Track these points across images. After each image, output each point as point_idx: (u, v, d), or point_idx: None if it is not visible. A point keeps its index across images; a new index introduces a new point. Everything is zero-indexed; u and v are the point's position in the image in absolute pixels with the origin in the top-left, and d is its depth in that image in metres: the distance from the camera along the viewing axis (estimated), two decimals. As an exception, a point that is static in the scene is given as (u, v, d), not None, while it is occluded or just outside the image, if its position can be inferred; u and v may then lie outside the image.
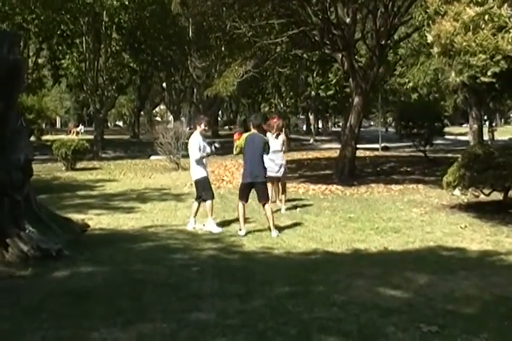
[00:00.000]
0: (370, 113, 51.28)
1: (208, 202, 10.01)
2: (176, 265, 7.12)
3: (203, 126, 10.23)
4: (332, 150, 28.30)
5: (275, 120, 12.67)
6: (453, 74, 8.86)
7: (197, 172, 10.13)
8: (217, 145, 10.87)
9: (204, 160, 10.22)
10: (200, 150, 10.05)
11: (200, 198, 10.15)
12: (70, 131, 53.04)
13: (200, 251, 8.07)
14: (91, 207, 12.52)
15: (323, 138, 48.09)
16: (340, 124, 56.70)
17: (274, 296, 5.76)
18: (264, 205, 9.56)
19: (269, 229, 9.34)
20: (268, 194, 9.78)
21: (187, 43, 34.25)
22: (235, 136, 10.13)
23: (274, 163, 11.77)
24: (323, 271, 6.82)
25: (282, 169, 12.07)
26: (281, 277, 6.49)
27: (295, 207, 12.33)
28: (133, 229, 9.87)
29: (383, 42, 18.34)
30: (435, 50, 8.97)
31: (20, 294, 5.81)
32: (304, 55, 26.11)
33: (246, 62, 18.92)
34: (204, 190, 10.08)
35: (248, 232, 9.40)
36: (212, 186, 10.88)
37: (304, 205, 12.69)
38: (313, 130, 48.05)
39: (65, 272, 6.64)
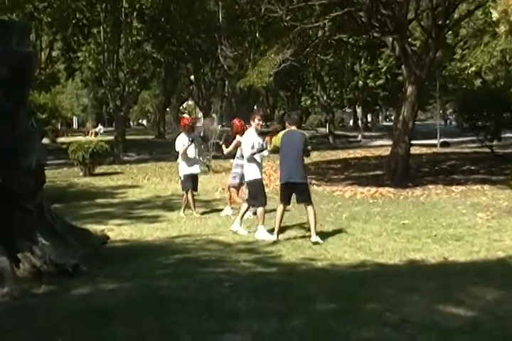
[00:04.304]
0: (426, 104, 50.77)
1: (260, 209, 10.18)
2: (207, 280, 7.15)
3: (256, 120, 10.52)
4: (383, 147, 28.13)
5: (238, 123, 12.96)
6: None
7: (250, 174, 10.41)
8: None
9: (259, 159, 10.44)
10: (253, 148, 10.27)
11: (251, 201, 10.41)
12: (88, 132, 53.67)
13: (233, 263, 8.09)
14: (111, 216, 12.70)
15: (373, 133, 47.78)
16: (393, 118, 56.29)
17: (317, 314, 5.74)
18: (306, 206, 9.63)
19: (311, 233, 9.44)
20: (310, 195, 9.82)
21: (217, 30, 34.35)
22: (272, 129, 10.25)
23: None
24: (372, 286, 6.77)
25: None
26: (325, 292, 6.47)
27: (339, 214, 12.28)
28: (158, 241, 9.97)
29: (441, 22, 18.14)
30: (502, 28, 8.86)
31: (34, 314, 5.91)
32: (350, 40, 25.96)
33: (283, 50, 18.89)
34: (256, 194, 10.30)
35: (287, 240, 9.48)
36: (247, 191, 10.98)
37: (351, 211, 12.64)
38: (361, 125, 47.81)
39: (83, 290, 6.72)
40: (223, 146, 13.37)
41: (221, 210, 13.00)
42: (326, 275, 7.45)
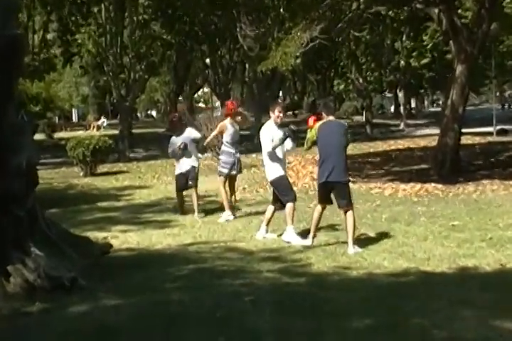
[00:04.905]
0: (480, 85, 50.47)
1: (289, 205, 10.26)
2: (225, 293, 7.15)
3: (276, 112, 10.57)
4: (430, 137, 28.01)
5: (232, 105, 13.33)
6: None
7: (271, 171, 10.53)
8: (293, 127, 10.91)
9: (281, 155, 10.50)
10: (272, 142, 10.36)
11: (278, 203, 10.46)
12: (90, 126, 54.15)
13: (255, 274, 8.09)
14: (116, 222, 12.77)
15: (418, 121, 47.61)
16: (441, 103, 55.95)
17: (352, 332, 5.72)
18: (345, 212, 9.59)
19: (349, 244, 9.36)
20: (351, 197, 9.77)
21: (235, 6, 34.41)
22: (310, 122, 10.17)
23: (235, 157, 12.75)
24: (417, 298, 6.74)
25: (239, 165, 12.98)
26: (361, 306, 6.45)
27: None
28: (169, 249, 9.99)
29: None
30: None
31: (26, 335, 5.94)
32: (389, 13, 25.90)
33: (311, 27, 18.86)
34: (283, 191, 10.42)
35: (317, 246, 9.51)
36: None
37: (392, 211, 12.60)
38: (403, 112, 47.55)
39: (82, 306, 6.73)
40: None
41: (243, 213, 13.14)
42: (363, 286, 7.42)
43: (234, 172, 12.86)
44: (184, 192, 13.47)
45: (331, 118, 9.84)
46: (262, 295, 6.99)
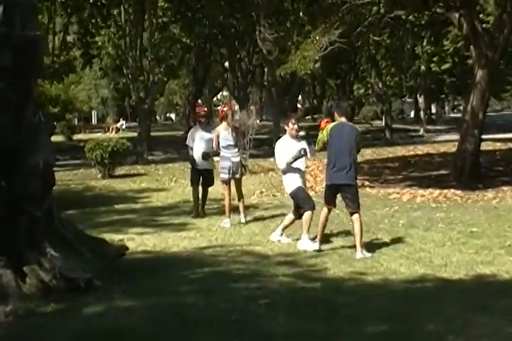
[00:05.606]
0: (502, 91, 50.21)
1: (307, 214, 10.24)
2: (240, 297, 7.16)
3: (291, 124, 10.62)
4: (450, 143, 27.87)
5: (225, 108, 13.52)
6: None
7: (288, 183, 10.61)
8: (302, 133, 10.90)
9: (299, 165, 10.50)
10: (286, 158, 10.39)
11: (299, 210, 10.47)
12: (109, 128, 54.36)
13: (270, 278, 8.09)
14: (132, 224, 12.82)
15: (438, 127, 47.41)
16: (461, 108, 55.73)
17: (367, 337, 5.72)
18: (352, 214, 9.62)
19: (357, 248, 9.41)
20: (359, 201, 9.78)
21: (254, 9, 34.43)
22: (322, 124, 10.22)
23: (230, 161, 12.53)
24: (433, 304, 6.71)
25: (239, 168, 12.70)
26: (376, 312, 6.44)
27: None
28: (185, 252, 10.03)
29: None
30: None
31: (41, 337, 5.97)
32: (409, 18, 25.79)
33: (331, 30, 18.85)
34: (302, 202, 10.44)
35: (333, 250, 9.57)
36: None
37: (410, 217, 12.57)
38: (423, 117, 47.38)
39: (97, 308, 6.77)
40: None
41: (260, 217, 13.16)
42: (379, 291, 7.40)
43: (233, 176, 12.66)
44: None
45: (343, 120, 9.84)
46: (277, 298, 7.00)
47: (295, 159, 10.36)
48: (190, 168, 14.36)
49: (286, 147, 10.48)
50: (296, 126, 10.63)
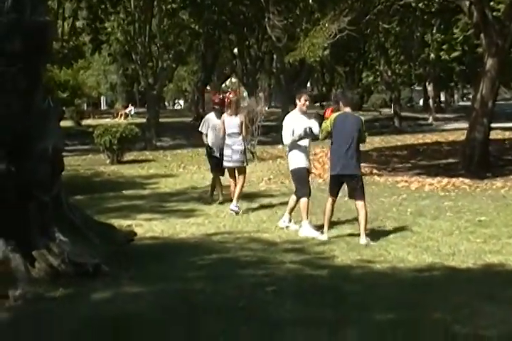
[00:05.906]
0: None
1: (303, 200, 10.31)
2: (247, 283, 7.17)
3: (302, 100, 10.56)
4: (459, 131, 27.82)
5: (231, 95, 13.19)
6: None
7: (293, 161, 10.56)
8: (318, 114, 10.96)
9: (305, 144, 10.48)
10: (293, 133, 10.36)
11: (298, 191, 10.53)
12: (118, 114, 54.38)
13: (278, 265, 8.10)
14: (140, 210, 12.82)
15: (447, 115, 47.26)
16: (471, 97, 55.52)
17: (374, 325, 5.70)
18: (357, 203, 9.67)
19: (361, 234, 9.49)
20: (363, 189, 9.80)
21: (263, -5, 34.33)
22: (327, 113, 10.23)
23: (231, 149, 12.32)
24: (440, 293, 6.71)
25: (241, 157, 12.46)
26: (384, 300, 6.43)
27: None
28: (193, 238, 10.04)
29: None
30: None
31: (49, 321, 5.99)
32: (419, 5, 25.67)
33: (340, 18, 18.78)
34: (299, 183, 10.48)
35: (341, 238, 9.58)
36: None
37: (418, 205, 12.54)
38: (432, 105, 47.25)
39: (105, 293, 6.79)
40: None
41: (268, 204, 13.15)
42: (386, 279, 7.40)
43: (230, 165, 12.49)
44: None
45: (348, 110, 9.84)
46: (285, 285, 7.00)
47: (300, 138, 10.35)
48: (206, 156, 14.16)
49: (295, 122, 10.44)
50: (307, 103, 10.64)
